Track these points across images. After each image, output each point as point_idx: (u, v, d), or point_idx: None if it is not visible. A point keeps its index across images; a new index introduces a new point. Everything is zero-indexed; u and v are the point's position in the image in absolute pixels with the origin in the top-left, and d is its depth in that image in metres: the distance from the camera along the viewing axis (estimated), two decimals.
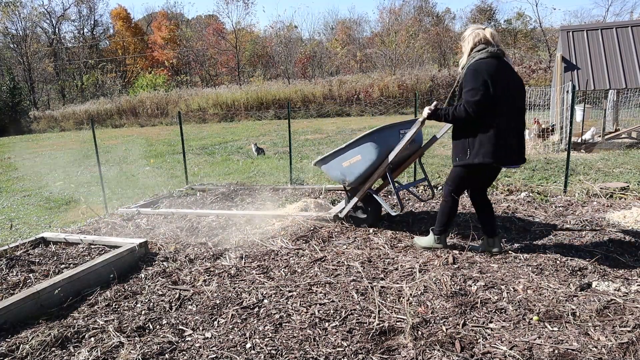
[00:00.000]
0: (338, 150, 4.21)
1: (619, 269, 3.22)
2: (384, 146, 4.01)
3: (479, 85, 3.06)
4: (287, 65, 35.50)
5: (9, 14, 36.87)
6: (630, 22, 10.17)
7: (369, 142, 4.02)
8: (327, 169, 4.40)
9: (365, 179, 4.22)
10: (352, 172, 4.17)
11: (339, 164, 4.23)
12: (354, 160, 4.12)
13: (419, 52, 31.53)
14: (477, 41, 3.24)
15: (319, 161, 4.41)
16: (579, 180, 6.04)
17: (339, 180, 4.35)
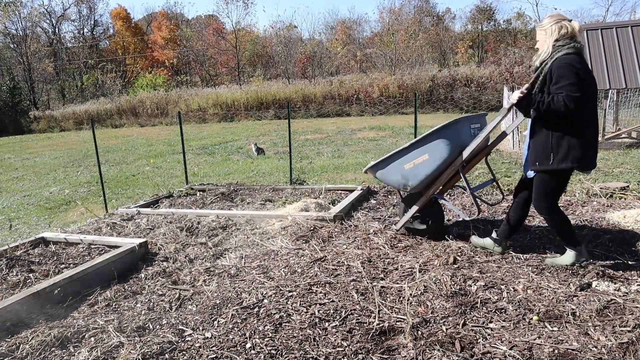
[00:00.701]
0: (399, 151, 3.77)
1: (619, 269, 3.22)
2: (455, 142, 3.59)
3: (577, 80, 2.84)
4: (287, 65, 35.50)
5: (9, 14, 36.86)
6: (630, 22, 10.17)
7: (438, 138, 3.58)
8: (384, 175, 3.93)
9: (431, 182, 3.76)
10: (418, 174, 3.72)
11: (400, 167, 3.79)
12: (420, 161, 3.68)
13: (418, 52, 31.53)
14: (563, 33, 3.00)
15: (372, 167, 3.95)
16: (579, 180, 6.04)
17: (399, 185, 3.90)
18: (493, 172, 4.29)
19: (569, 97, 2.82)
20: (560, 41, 3.00)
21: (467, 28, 39.96)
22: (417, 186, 3.79)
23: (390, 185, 4.17)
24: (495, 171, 7.10)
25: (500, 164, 7.72)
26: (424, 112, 20.48)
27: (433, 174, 3.69)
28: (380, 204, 5.40)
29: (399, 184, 3.88)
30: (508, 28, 37.34)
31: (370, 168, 4.02)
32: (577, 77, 2.85)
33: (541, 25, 3.14)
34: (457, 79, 22.24)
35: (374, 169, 4.00)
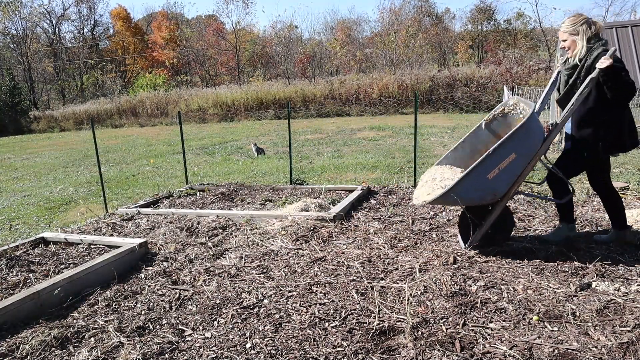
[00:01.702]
0: (478, 164, 3.25)
1: (619, 269, 3.22)
2: (539, 130, 3.38)
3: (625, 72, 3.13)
4: (287, 65, 35.51)
5: (9, 14, 36.86)
6: (630, 22, 10.17)
7: (523, 131, 3.26)
8: (462, 197, 3.34)
9: (514, 183, 3.44)
10: (505, 178, 3.33)
11: (482, 179, 3.29)
12: (506, 163, 3.28)
13: (418, 52, 31.54)
14: (593, 31, 3.28)
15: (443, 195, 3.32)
16: (579, 180, 6.04)
17: (482, 201, 3.44)
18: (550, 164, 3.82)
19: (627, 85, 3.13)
20: (593, 39, 3.27)
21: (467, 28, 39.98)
22: (504, 192, 3.42)
23: (467, 205, 3.52)
24: None
25: None
26: (424, 112, 20.48)
27: (520, 172, 3.39)
28: (380, 204, 5.40)
29: (483, 198, 3.42)
30: (508, 28, 37.33)
31: (443, 195, 3.33)
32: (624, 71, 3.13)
33: (572, 25, 3.31)
34: (457, 79, 22.24)
35: (445, 198, 3.34)
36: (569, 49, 3.39)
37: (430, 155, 9.00)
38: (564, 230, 3.76)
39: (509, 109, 3.90)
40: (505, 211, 3.67)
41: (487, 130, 3.92)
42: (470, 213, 3.62)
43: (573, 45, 3.34)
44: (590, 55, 3.25)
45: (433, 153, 9.33)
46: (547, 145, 3.45)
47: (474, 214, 3.62)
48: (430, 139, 11.54)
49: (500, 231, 3.70)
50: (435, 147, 10.09)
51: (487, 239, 3.67)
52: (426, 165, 7.96)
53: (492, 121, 3.94)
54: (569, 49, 3.38)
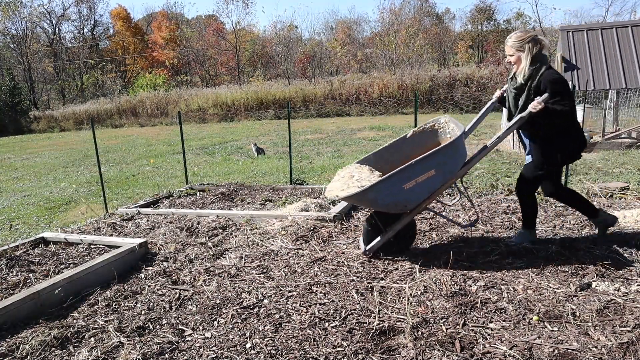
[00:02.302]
0: (397, 172, 3.30)
1: (619, 269, 3.22)
2: (463, 153, 3.43)
3: (568, 91, 3.28)
4: (287, 65, 35.51)
5: (9, 14, 36.86)
6: (630, 22, 10.17)
7: (448, 151, 3.31)
8: (374, 200, 3.38)
9: (427, 199, 3.50)
10: (419, 192, 3.37)
11: (398, 188, 3.30)
12: (424, 178, 3.31)
13: (418, 52, 31.54)
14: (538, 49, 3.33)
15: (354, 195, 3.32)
16: (579, 180, 6.04)
17: (392, 209, 3.47)
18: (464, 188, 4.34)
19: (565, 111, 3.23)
20: (538, 57, 3.31)
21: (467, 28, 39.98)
22: (415, 204, 3.48)
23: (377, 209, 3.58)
24: (495, 171, 7.11)
25: (501, 164, 7.72)
26: (424, 112, 20.48)
27: (436, 189, 3.45)
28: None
29: (394, 206, 3.45)
30: (508, 28, 37.34)
31: (353, 196, 3.35)
32: (569, 89, 3.29)
33: (520, 41, 3.36)
34: (457, 79, 22.24)
35: (359, 197, 3.36)
36: (514, 64, 3.43)
37: None
38: (527, 235, 3.79)
39: (440, 126, 3.92)
40: (411, 222, 3.70)
41: (412, 142, 3.92)
42: (378, 218, 3.64)
43: (518, 62, 3.38)
44: (536, 76, 3.30)
45: None
46: (467, 168, 3.56)
47: (381, 220, 3.64)
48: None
49: (403, 240, 3.73)
50: None
51: (388, 246, 3.68)
52: None
53: (420, 134, 3.94)
54: (515, 64, 3.42)
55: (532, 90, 3.33)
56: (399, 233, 3.65)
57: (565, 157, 3.46)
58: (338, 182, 3.64)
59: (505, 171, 7.08)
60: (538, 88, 3.30)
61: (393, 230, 3.58)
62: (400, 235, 3.67)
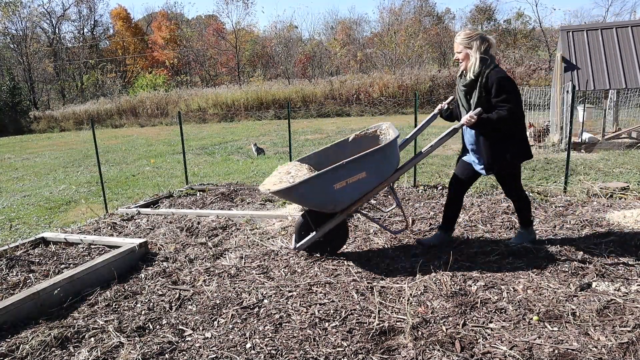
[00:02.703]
0: (328, 171, 3.28)
1: (619, 269, 3.22)
2: (395, 158, 3.47)
3: (516, 90, 3.27)
4: (287, 65, 35.50)
5: (9, 14, 36.86)
6: (630, 22, 10.17)
7: (381, 156, 3.35)
8: (304, 197, 3.37)
9: (358, 201, 3.51)
10: (349, 193, 3.37)
11: (328, 187, 3.29)
12: (354, 180, 3.33)
13: (418, 52, 31.53)
14: (486, 46, 3.34)
15: (287, 189, 3.30)
16: (579, 180, 6.04)
17: (321, 207, 3.45)
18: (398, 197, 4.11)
19: (513, 109, 3.24)
20: (486, 54, 3.33)
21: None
22: (345, 206, 3.46)
23: (307, 207, 3.59)
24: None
25: None
26: (424, 112, 20.47)
27: (367, 192, 3.45)
28: (380, 204, 5.40)
29: (323, 205, 3.42)
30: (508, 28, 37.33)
31: (283, 191, 3.32)
32: (515, 89, 3.27)
33: (468, 38, 3.36)
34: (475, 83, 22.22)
35: (288, 192, 3.34)
36: (462, 62, 3.43)
37: (430, 155, 9.00)
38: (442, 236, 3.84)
39: (381, 131, 3.94)
40: (342, 223, 3.69)
41: (355, 145, 3.94)
42: (309, 216, 3.64)
43: (466, 59, 3.39)
44: (484, 74, 3.30)
45: (433, 153, 9.32)
46: (399, 174, 3.57)
47: (312, 218, 3.63)
48: (430, 139, 11.54)
49: (334, 241, 3.72)
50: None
51: (319, 245, 3.69)
52: (426, 165, 7.96)
53: (363, 138, 3.95)
54: (463, 61, 3.42)
55: (482, 88, 3.31)
56: (330, 233, 3.65)
57: (514, 157, 3.42)
58: (274, 177, 3.63)
59: None
60: (486, 86, 3.29)
61: (323, 230, 3.56)
62: (330, 236, 3.67)
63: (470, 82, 3.39)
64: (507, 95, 3.24)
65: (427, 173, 7.21)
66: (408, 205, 5.25)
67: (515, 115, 3.27)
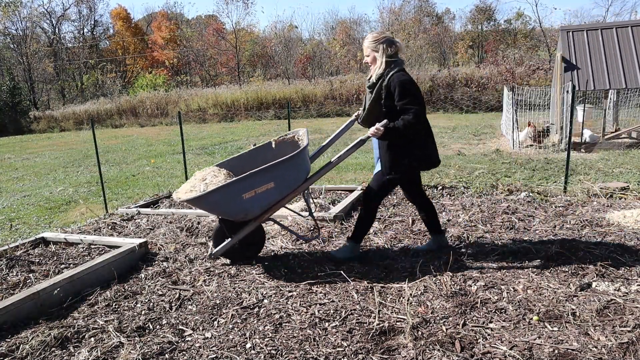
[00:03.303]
0: (236, 181, 3.27)
1: (619, 269, 3.22)
2: (304, 169, 3.47)
3: (419, 96, 3.27)
4: (287, 65, 35.49)
5: (9, 14, 36.85)
6: (630, 22, 10.16)
7: (289, 166, 3.35)
8: (215, 206, 3.38)
9: (269, 209, 3.50)
10: (259, 202, 3.36)
11: (237, 196, 3.29)
12: (263, 189, 3.33)
13: (418, 52, 31.53)
14: (393, 50, 3.33)
15: (197, 198, 3.29)
16: (579, 180, 6.04)
17: (233, 216, 3.44)
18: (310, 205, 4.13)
19: (417, 112, 3.21)
20: (392, 58, 3.32)
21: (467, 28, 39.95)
22: (256, 215, 3.47)
23: (218, 215, 3.64)
24: (495, 171, 7.11)
25: (501, 164, 7.72)
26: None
27: (277, 201, 3.45)
28: (380, 203, 5.39)
29: (234, 214, 3.43)
30: (508, 28, 37.32)
31: (195, 199, 3.30)
32: (417, 92, 3.27)
33: (374, 41, 3.34)
34: (457, 79, 22.22)
35: (199, 201, 3.32)
36: (371, 65, 3.41)
37: None
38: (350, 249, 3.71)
39: (299, 137, 3.91)
40: (258, 230, 3.70)
41: (275, 150, 3.91)
42: (224, 223, 3.64)
43: (374, 62, 3.37)
44: (387, 76, 3.27)
45: None
46: (309, 183, 3.53)
47: (227, 225, 3.62)
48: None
49: (249, 248, 3.72)
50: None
51: (235, 252, 3.68)
52: None
53: (282, 143, 3.93)
54: (372, 64, 3.40)
55: (382, 89, 3.28)
56: (247, 240, 3.64)
57: (414, 162, 3.38)
58: (189, 183, 3.61)
59: (505, 171, 7.09)
60: (388, 88, 3.26)
61: (237, 237, 3.53)
62: (247, 242, 3.66)
63: (373, 85, 3.38)
64: (411, 97, 3.22)
65: (427, 173, 7.21)
66: (408, 205, 5.24)
67: (421, 118, 3.23)
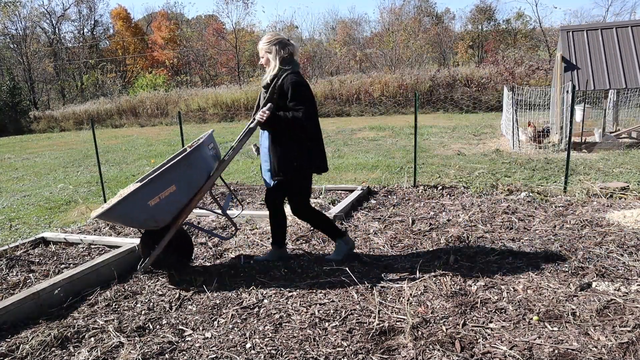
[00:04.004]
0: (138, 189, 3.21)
1: (619, 269, 3.22)
2: (204, 167, 3.45)
3: (311, 98, 3.30)
4: None
5: (9, 14, 36.85)
6: (630, 22, 10.17)
7: (185, 167, 3.31)
8: (124, 217, 3.33)
9: (182, 212, 3.43)
10: (167, 207, 3.31)
11: (143, 205, 3.23)
12: (167, 194, 3.27)
13: (418, 51, 31.53)
14: (287, 52, 3.32)
15: (105, 213, 3.22)
16: (579, 180, 6.04)
17: (147, 224, 3.38)
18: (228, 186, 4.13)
19: (308, 112, 3.25)
20: (285, 60, 3.32)
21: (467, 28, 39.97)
22: (167, 221, 3.39)
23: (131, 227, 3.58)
24: (495, 171, 7.11)
25: (501, 164, 7.72)
26: (424, 112, 20.47)
27: (185, 204, 3.39)
28: (380, 204, 5.40)
29: (145, 223, 3.36)
30: (508, 28, 37.33)
31: (104, 214, 3.24)
32: (310, 94, 3.29)
33: (267, 43, 3.34)
34: (457, 79, 22.22)
35: (109, 215, 3.27)
36: (266, 66, 3.41)
37: (430, 155, 9.00)
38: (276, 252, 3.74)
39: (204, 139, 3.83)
40: (181, 237, 3.66)
41: None
42: (146, 235, 3.59)
43: (267, 63, 3.38)
44: (281, 77, 3.28)
45: (433, 153, 9.33)
46: (212, 181, 3.50)
47: (148, 236, 3.57)
48: (430, 139, 11.54)
49: (175, 255, 3.65)
50: (435, 147, 10.08)
51: (163, 261, 3.60)
52: (426, 165, 7.96)
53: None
54: (266, 65, 3.40)
55: (276, 89, 3.30)
56: (172, 248, 3.57)
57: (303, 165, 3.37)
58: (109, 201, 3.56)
59: (505, 171, 7.09)
60: (282, 88, 3.27)
61: (160, 246, 3.45)
62: (173, 250, 3.60)
63: (267, 85, 3.39)
64: (302, 99, 3.24)
65: (427, 173, 7.21)
66: (408, 206, 5.25)
67: (310, 119, 3.25)
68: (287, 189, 3.53)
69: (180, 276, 3.50)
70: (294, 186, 3.48)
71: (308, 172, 3.48)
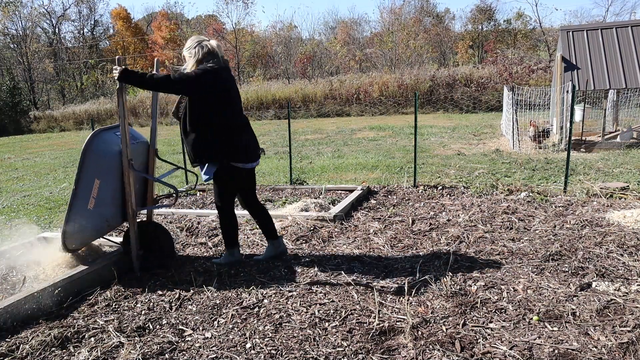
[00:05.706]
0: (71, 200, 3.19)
1: (619, 269, 3.22)
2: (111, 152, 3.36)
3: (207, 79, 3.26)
4: (287, 65, 35.49)
5: (9, 14, 36.84)
6: (630, 22, 10.17)
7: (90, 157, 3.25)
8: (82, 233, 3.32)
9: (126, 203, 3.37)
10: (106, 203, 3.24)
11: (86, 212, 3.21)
12: (96, 191, 3.20)
13: (418, 51, 31.52)
14: (204, 53, 3.35)
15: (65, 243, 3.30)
16: (579, 180, 6.04)
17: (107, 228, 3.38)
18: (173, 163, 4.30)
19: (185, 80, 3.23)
20: (204, 60, 3.35)
21: (467, 28, 39.95)
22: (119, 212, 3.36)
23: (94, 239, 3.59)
24: (495, 171, 7.11)
25: (501, 164, 7.72)
26: (424, 112, 20.47)
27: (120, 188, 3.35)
28: (380, 204, 5.40)
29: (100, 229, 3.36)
30: (508, 28, 37.31)
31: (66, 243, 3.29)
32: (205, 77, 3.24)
33: (189, 45, 3.41)
34: (457, 79, 22.21)
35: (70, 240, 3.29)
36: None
37: (430, 155, 9.00)
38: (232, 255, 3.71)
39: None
40: (159, 230, 3.66)
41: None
42: (122, 243, 3.61)
43: (188, 67, 3.41)
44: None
45: (433, 153, 9.33)
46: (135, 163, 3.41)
47: (125, 241, 3.58)
48: (430, 139, 11.54)
49: (157, 253, 3.63)
50: (435, 147, 10.08)
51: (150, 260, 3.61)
52: (426, 165, 7.96)
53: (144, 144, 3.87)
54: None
55: None
56: (153, 245, 3.59)
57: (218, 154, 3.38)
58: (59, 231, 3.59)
59: (505, 171, 7.08)
60: None
61: (134, 249, 3.48)
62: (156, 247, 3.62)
63: None
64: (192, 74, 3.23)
65: (427, 173, 7.21)
66: (408, 205, 5.25)
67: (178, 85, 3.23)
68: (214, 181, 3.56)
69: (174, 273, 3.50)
70: (217, 176, 3.51)
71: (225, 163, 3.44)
